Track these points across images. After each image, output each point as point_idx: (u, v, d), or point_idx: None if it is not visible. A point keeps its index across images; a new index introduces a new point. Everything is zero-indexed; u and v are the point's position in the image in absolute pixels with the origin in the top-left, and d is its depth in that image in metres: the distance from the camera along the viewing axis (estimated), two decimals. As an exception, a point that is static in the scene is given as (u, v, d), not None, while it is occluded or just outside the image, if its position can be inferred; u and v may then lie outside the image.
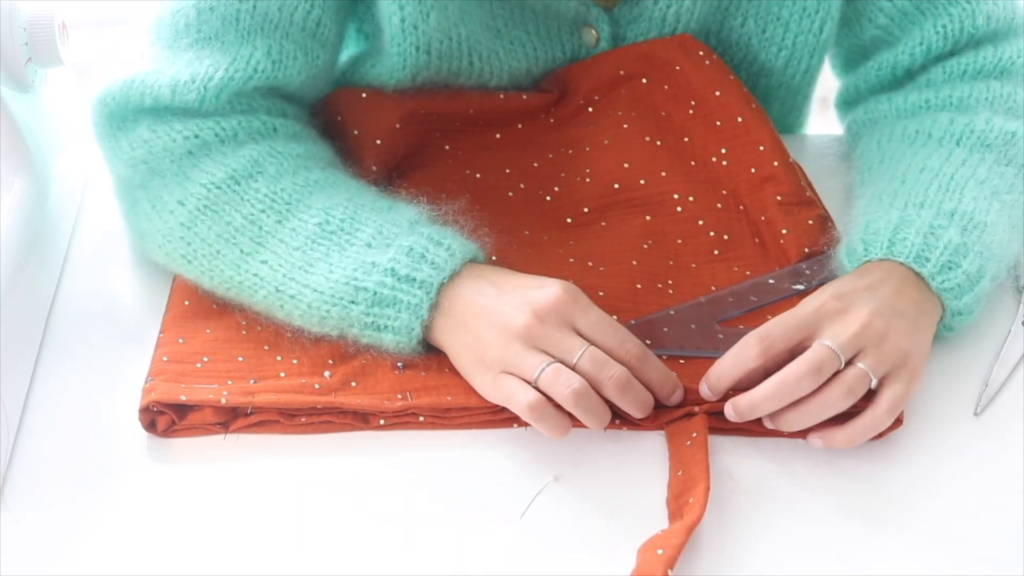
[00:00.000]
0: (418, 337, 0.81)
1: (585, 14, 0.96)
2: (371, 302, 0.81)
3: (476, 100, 0.98)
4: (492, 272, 0.83)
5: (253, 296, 0.84)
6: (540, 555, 0.74)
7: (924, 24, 0.96)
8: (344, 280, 0.81)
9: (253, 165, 0.86)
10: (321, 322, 0.82)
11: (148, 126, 0.87)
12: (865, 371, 0.77)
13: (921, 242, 0.83)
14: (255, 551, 0.74)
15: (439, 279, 0.81)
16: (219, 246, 0.84)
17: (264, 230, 0.84)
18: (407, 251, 0.82)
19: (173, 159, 0.86)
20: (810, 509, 0.77)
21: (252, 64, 0.88)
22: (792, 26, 0.98)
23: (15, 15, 0.87)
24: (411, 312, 0.80)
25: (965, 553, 0.75)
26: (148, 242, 0.89)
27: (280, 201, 0.85)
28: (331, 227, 0.84)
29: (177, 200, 0.86)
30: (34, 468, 0.79)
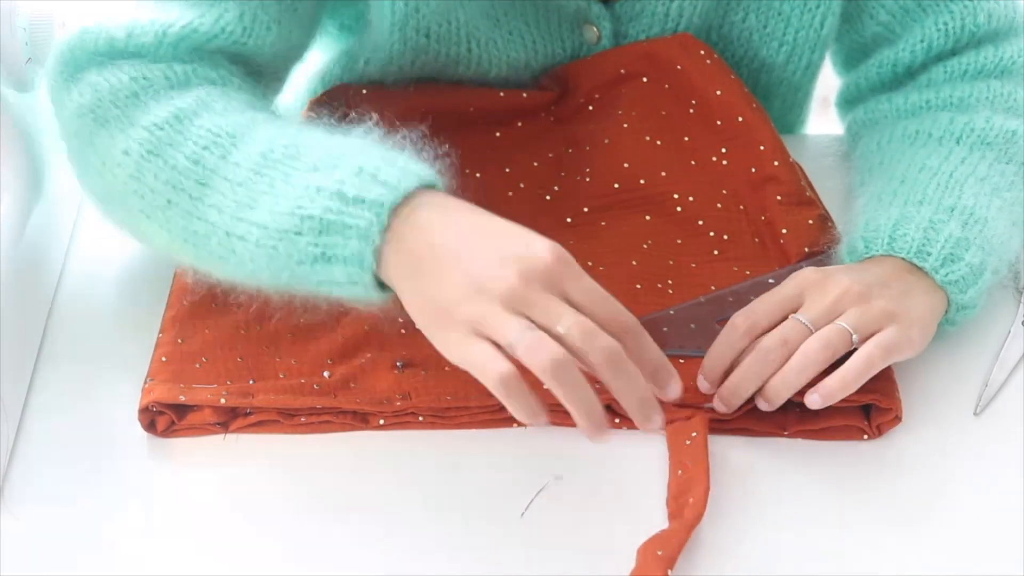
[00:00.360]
0: (371, 267, 0.72)
1: (586, 10, 0.96)
2: (318, 230, 0.73)
3: (476, 97, 0.98)
4: (463, 208, 0.74)
5: (208, 244, 0.77)
6: (540, 555, 0.74)
7: (925, 21, 0.96)
8: (288, 210, 0.74)
9: (198, 102, 0.80)
10: (271, 261, 0.75)
11: (96, 70, 0.82)
12: (843, 327, 0.77)
13: (921, 236, 0.83)
14: (255, 551, 0.74)
15: (392, 198, 0.72)
16: (168, 194, 0.78)
17: (208, 169, 0.77)
18: (356, 171, 0.74)
19: (118, 103, 0.81)
20: (810, 509, 0.77)
21: (220, 24, 0.84)
22: (793, 21, 0.98)
23: (15, 15, 0.87)
24: (360, 237, 0.72)
25: (965, 553, 0.75)
26: (106, 204, 0.84)
27: (224, 135, 0.78)
28: (275, 155, 0.76)
29: (122, 150, 0.79)
30: (34, 468, 0.79)
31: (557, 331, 0.69)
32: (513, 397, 0.68)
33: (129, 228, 0.83)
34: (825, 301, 0.79)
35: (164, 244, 0.81)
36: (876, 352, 0.77)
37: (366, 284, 0.73)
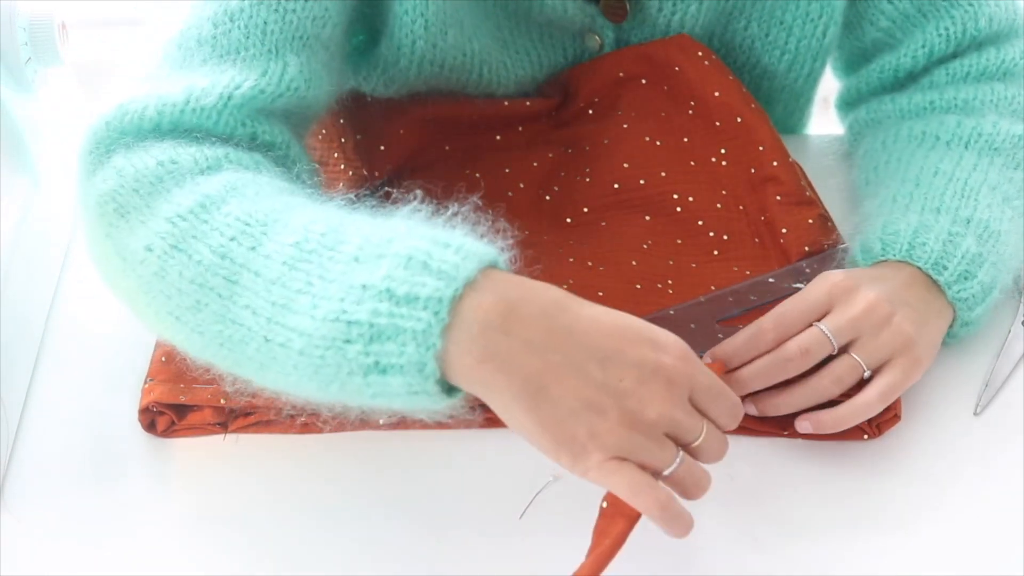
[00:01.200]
0: (433, 374, 0.63)
1: (590, 23, 0.97)
2: (368, 337, 0.63)
3: (481, 107, 0.98)
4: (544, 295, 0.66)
5: (245, 351, 0.68)
6: (540, 555, 0.74)
7: (926, 27, 0.96)
8: (332, 315, 0.64)
9: (227, 188, 0.71)
10: (317, 372, 0.65)
11: (124, 153, 0.73)
12: (857, 363, 0.78)
13: (940, 249, 0.83)
14: (255, 551, 0.74)
15: (450, 291, 0.63)
16: (196, 294, 0.68)
17: (237, 263, 0.68)
18: (404, 261, 0.64)
19: (140, 190, 0.71)
20: (810, 509, 0.77)
21: (286, 80, 0.77)
22: (795, 31, 0.98)
23: (15, 15, 0.87)
24: (418, 342, 0.63)
25: (965, 553, 0.75)
26: (134, 306, 0.74)
27: (255, 223, 0.68)
28: (310, 245, 0.67)
29: (144, 245, 0.70)
30: (34, 468, 0.79)
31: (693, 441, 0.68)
32: (674, 520, 0.67)
33: (163, 332, 0.73)
34: (851, 314, 0.78)
35: (199, 350, 0.71)
36: (876, 401, 0.77)
37: (429, 392, 0.64)
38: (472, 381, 0.64)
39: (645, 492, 0.65)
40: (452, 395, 0.66)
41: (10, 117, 0.88)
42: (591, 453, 0.65)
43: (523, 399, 0.64)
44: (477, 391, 0.65)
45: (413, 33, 0.89)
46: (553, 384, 0.64)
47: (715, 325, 0.87)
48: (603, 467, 0.65)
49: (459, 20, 0.90)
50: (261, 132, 0.77)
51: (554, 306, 0.65)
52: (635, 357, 0.65)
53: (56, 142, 0.96)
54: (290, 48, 0.78)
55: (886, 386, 0.78)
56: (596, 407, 0.64)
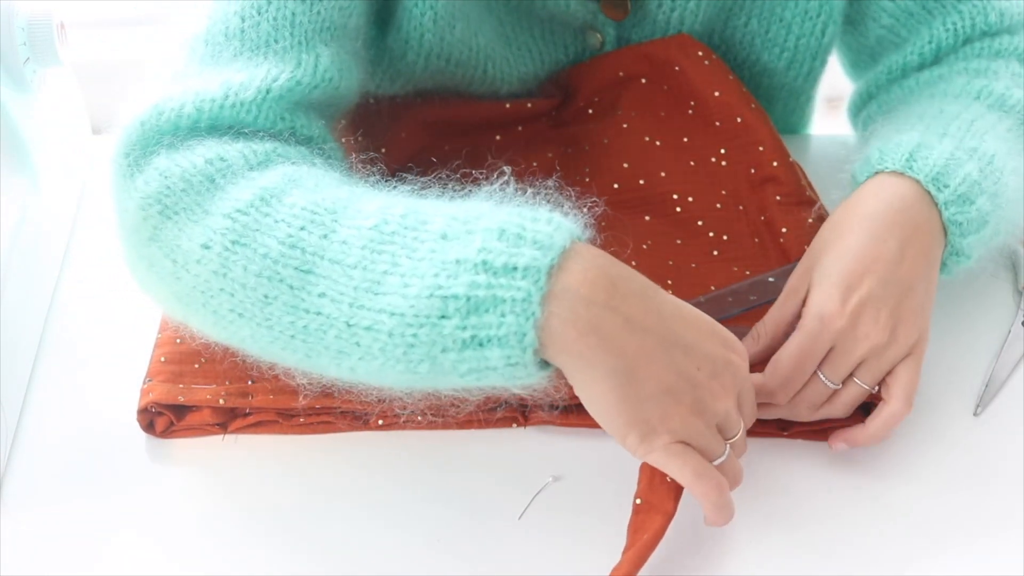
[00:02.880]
0: (533, 344, 0.63)
1: (592, 20, 0.96)
2: (465, 311, 0.63)
3: (483, 110, 0.98)
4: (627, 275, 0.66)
5: (323, 341, 0.67)
6: (540, 555, 0.74)
7: (932, 23, 0.94)
8: (426, 292, 0.64)
9: (286, 180, 0.70)
10: (408, 352, 0.65)
11: (166, 154, 0.72)
12: (863, 388, 0.78)
13: (943, 164, 0.80)
14: (254, 551, 0.74)
15: (548, 260, 0.63)
16: (264, 288, 0.67)
17: (309, 252, 0.67)
18: (498, 233, 0.64)
19: (190, 191, 0.70)
20: (810, 509, 0.77)
21: (320, 71, 0.76)
22: (795, 28, 0.97)
23: (13, 15, 0.87)
24: (518, 311, 0.63)
25: (965, 553, 0.75)
26: (184, 308, 0.72)
27: (323, 211, 0.68)
28: (391, 226, 0.66)
29: (201, 244, 0.69)
30: (33, 469, 0.79)
31: (734, 436, 0.70)
32: (726, 505, 0.70)
33: (218, 332, 0.72)
34: (851, 358, 0.76)
35: (265, 346, 0.70)
36: (904, 406, 0.77)
37: (527, 364, 0.64)
38: (569, 353, 0.64)
39: (707, 476, 0.68)
40: (545, 369, 0.66)
41: (9, 117, 0.88)
42: (660, 435, 0.66)
43: (615, 376, 0.65)
44: (570, 363, 0.65)
45: (422, 26, 0.88)
46: (643, 365, 0.65)
47: (715, 325, 0.87)
48: (668, 449, 0.67)
49: (466, 14, 0.90)
50: (300, 126, 0.76)
51: (648, 287, 0.67)
52: (711, 350, 0.67)
53: (55, 142, 0.96)
54: (319, 39, 0.77)
55: (906, 386, 0.77)
56: (674, 392, 0.66)
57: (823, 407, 0.78)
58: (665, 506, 0.71)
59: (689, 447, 0.67)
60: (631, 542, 0.71)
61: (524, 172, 0.98)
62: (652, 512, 0.71)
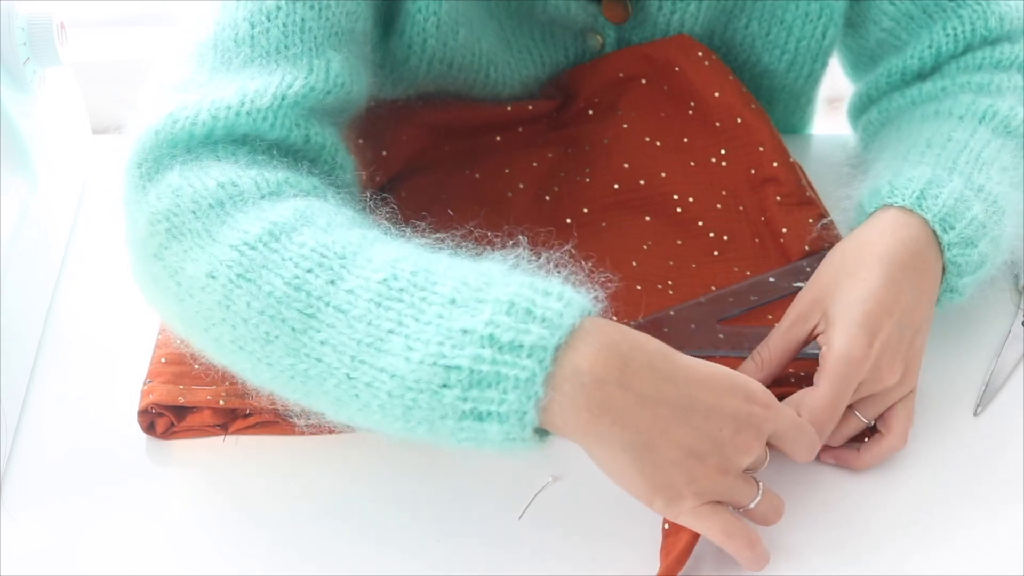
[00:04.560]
0: (532, 423, 0.63)
1: (592, 23, 0.96)
2: (467, 383, 0.63)
3: (484, 113, 0.98)
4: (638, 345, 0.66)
5: (322, 386, 0.66)
6: (540, 555, 0.74)
7: (932, 27, 0.94)
8: (430, 359, 0.63)
9: (297, 216, 0.69)
10: (407, 414, 0.65)
11: (180, 171, 0.71)
12: (863, 422, 0.78)
13: (952, 206, 0.80)
14: (254, 552, 0.74)
15: (555, 340, 0.63)
16: (266, 327, 0.66)
17: (314, 296, 0.66)
18: (507, 307, 0.64)
19: (199, 213, 0.69)
20: (809, 509, 0.77)
21: (331, 75, 0.76)
22: (795, 30, 0.97)
23: (13, 15, 0.87)
24: (520, 390, 0.63)
25: (965, 553, 0.75)
26: (189, 328, 0.71)
27: (332, 255, 0.67)
28: (400, 283, 0.65)
29: (206, 272, 0.68)
30: (33, 469, 0.79)
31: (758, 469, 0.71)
32: (760, 557, 0.70)
33: (219, 358, 0.72)
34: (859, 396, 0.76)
35: (265, 381, 0.69)
36: (900, 440, 0.78)
37: (526, 439, 0.64)
38: (582, 433, 0.65)
39: (737, 535, 0.68)
40: (542, 438, 0.66)
41: (9, 117, 0.88)
42: (686, 498, 0.66)
43: (632, 450, 0.65)
44: (586, 442, 0.65)
45: (425, 31, 0.88)
46: (660, 435, 0.65)
47: (715, 325, 0.87)
48: (697, 512, 0.67)
49: (469, 19, 0.90)
50: (314, 134, 0.76)
51: (659, 357, 0.66)
52: (731, 408, 0.67)
53: (55, 142, 0.96)
54: (329, 44, 0.77)
55: (906, 424, 0.78)
56: (696, 455, 0.66)
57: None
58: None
59: (719, 505, 0.68)
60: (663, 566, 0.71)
61: (525, 172, 0.99)
62: (680, 532, 0.71)
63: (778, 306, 0.87)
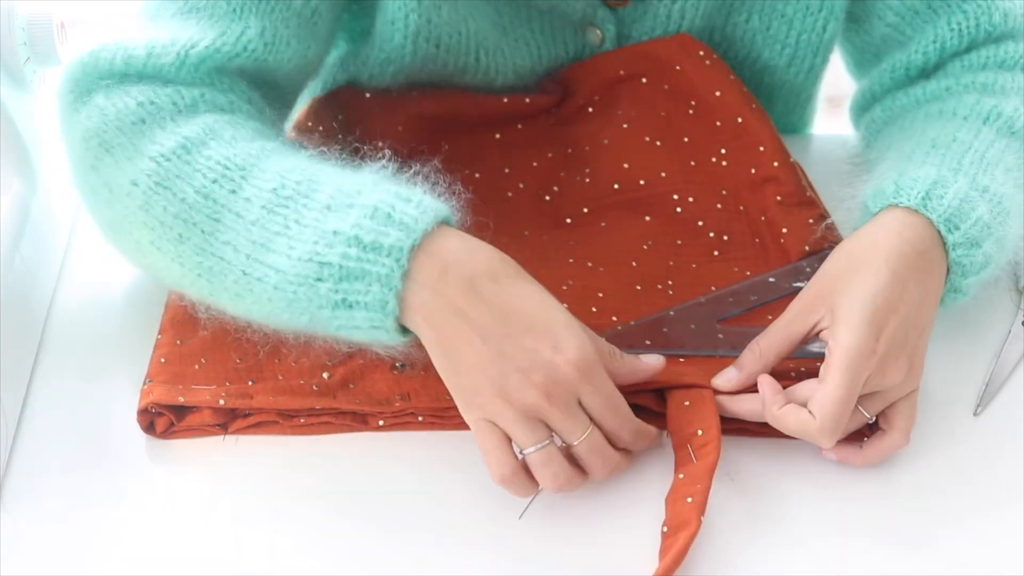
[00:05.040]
0: (394, 312, 0.73)
1: (592, 14, 0.96)
2: (337, 277, 0.73)
3: (480, 103, 0.98)
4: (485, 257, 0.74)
5: (223, 281, 0.76)
6: (540, 555, 0.74)
7: (936, 22, 0.94)
8: (306, 256, 0.73)
9: (206, 131, 0.78)
10: (290, 305, 0.74)
11: (105, 93, 0.80)
12: (865, 417, 0.78)
13: (957, 206, 0.80)
14: (254, 552, 0.74)
15: (410, 241, 0.72)
16: (179, 228, 0.76)
17: (219, 204, 0.76)
18: (371, 212, 0.73)
19: (124, 130, 0.79)
20: (809, 509, 0.77)
21: (243, 41, 0.83)
22: (796, 24, 0.97)
23: (14, 15, 0.87)
24: (382, 283, 0.72)
25: (965, 553, 0.75)
26: (114, 233, 0.82)
27: (233, 167, 0.76)
28: (287, 192, 0.75)
29: (130, 180, 0.78)
30: (33, 469, 0.79)
31: (570, 442, 0.73)
32: (510, 489, 0.74)
33: (138, 259, 0.82)
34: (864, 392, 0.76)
35: (176, 278, 0.79)
36: (903, 438, 0.78)
37: (388, 329, 0.73)
38: (411, 324, 0.74)
39: (496, 458, 0.73)
40: (406, 335, 0.75)
41: (9, 117, 0.88)
42: (474, 408, 0.73)
43: (436, 348, 0.73)
44: (417, 332, 0.74)
45: (406, 5, 0.90)
46: (461, 343, 0.72)
47: (715, 325, 0.87)
48: (478, 424, 0.73)
49: None
50: (204, 94, 0.82)
51: (484, 275, 0.73)
52: (531, 346, 0.72)
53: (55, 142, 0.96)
54: (254, 11, 0.83)
55: (909, 422, 0.78)
56: (485, 372, 0.72)
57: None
58: (690, 525, 0.72)
59: (496, 427, 0.73)
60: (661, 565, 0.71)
61: (525, 172, 0.99)
62: (677, 532, 0.72)
63: (778, 306, 0.86)
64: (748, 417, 0.79)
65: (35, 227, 0.89)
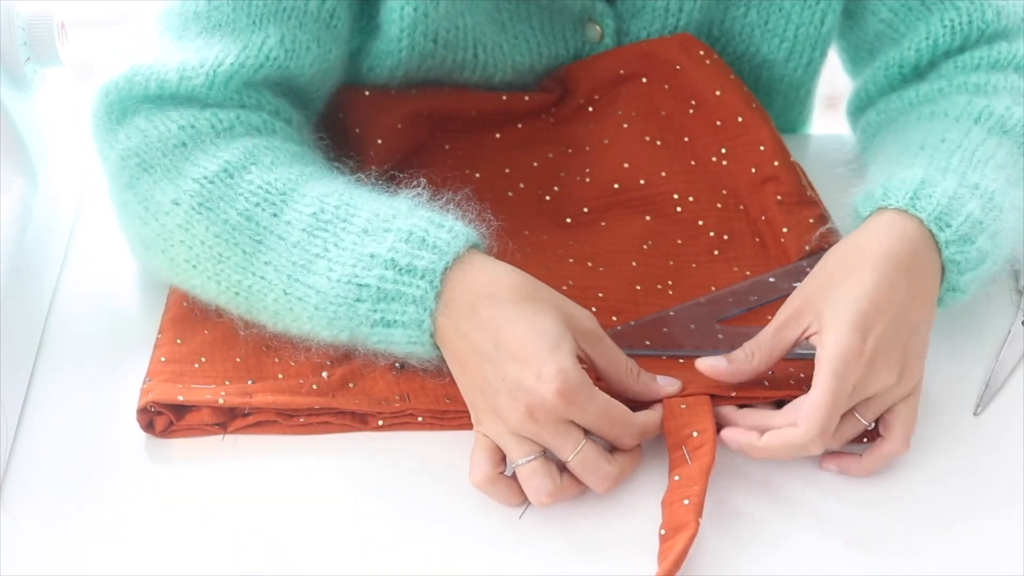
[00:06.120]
0: (430, 330, 0.77)
1: (590, 8, 0.96)
2: (376, 298, 0.77)
3: (479, 101, 0.98)
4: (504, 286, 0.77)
5: (263, 300, 0.80)
6: (540, 555, 0.74)
7: (930, 19, 0.94)
8: (345, 278, 0.77)
9: (247, 156, 0.82)
10: (331, 323, 0.79)
11: (146, 115, 0.84)
12: (863, 424, 0.77)
13: (946, 204, 0.80)
14: (254, 551, 0.74)
15: (443, 264, 0.77)
16: (220, 248, 0.80)
17: (261, 226, 0.80)
18: (406, 236, 0.77)
19: (165, 151, 0.82)
20: (810, 509, 0.77)
21: (264, 51, 0.85)
22: (794, 17, 0.97)
23: (14, 15, 0.87)
24: (417, 304, 0.77)
25: (965, 553, 0.75)
26: (146, 249, 0.85)
27: (274, 192, 0.81)
28: (326, 216, 0.79)
29: (171, 200, 0.81)
30: (33, 468, 0.79)
31: (563, 459, 0.75)
32: (491, 495, 0.76)
33: (171, 276, 0.85)
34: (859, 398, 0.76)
35: (212, 295, 0.82)
36: (903, 444, 0.78)
37: (424, 344, 0.78)
38: (439, 342, 0.78)
39: (473, 460, 0.76)
40: (438, 350, 0.79)
41: (9, 117, 0.88)
42: (475, 420, 0.78)
43: (452, 364, 0.78)
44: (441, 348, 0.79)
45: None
46: (464, 362, 0.77)
47: (715, 325, 0.87)
48: (477, 436, 0.77)
49: None
50: (252, 104, 0.86)
51: (484, 297, 0.76)
52: (515, 373, 0.74)
53: (55, 142, 0.96)
54: (273, 20, 0.86)
55: (908, 428, 0.78)
56: (481, 390, 0.76)
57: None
58: (688, 527, 0.72)
59: (489, 440, 0.76)
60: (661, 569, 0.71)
61: (525, 172, 0.99)
62: (676, 535, 0.72)
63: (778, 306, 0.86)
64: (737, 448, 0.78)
65: (35, 227, 0.89)
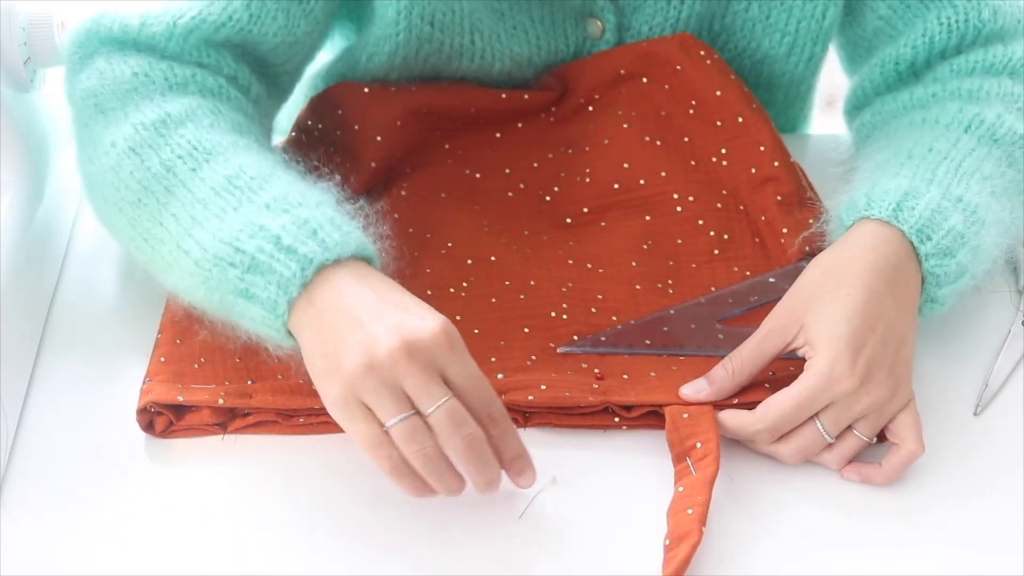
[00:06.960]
0: (283, 315, 0.74)
1: (591, 4, 0.96)
2: (246, 266, 0.75)
3: (478, 98, 0.98)
4: (379, 280, 0.76)
5: (160, 251, 0.79)
6: (539, 555, 0.74)
7: (927, 16, 0.95)
8: (228, 239, 0.76)
9: (188, 112, 0.83)
10: (205, 283, 0.76)
11: (106, 58, 0.86)
12: (862, 440, 0.78)
13: (928, 217, 0.81)
14: (254, 551, 0.74)
15: (322, 258, 0.74)
16: (139, 193, 0.80)
17: (179, 178, 0.80)
18: (301, 223, 0.75)
19: (117, 95, 0.84)
20: (810, 509, 0.77)
21: (228, 11, 0.87)
22: (795, 11, 0.97)
23: (14, 14, 0.87)
24: (280, 285, 0.74)
25: (965, 553, 0.75)
26: (89, 189, 0.86)
27: (201, 150, 0.80)
28: (239, 182, 0.78)
29: (110, 141, 0.82)
30: (33, 468, 0.79)
31: (425, 412, 0.71)
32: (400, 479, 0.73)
33: (104, 218, 0.86)
34: (850, 415, 0.77)
35: (128, 240, 0.83)
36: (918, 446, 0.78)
37: (276, 329, 0.75)
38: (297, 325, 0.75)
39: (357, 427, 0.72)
40: (292, 340, 0.76)
41: (9, 117, 0.88)
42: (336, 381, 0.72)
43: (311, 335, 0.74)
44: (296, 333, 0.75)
45: None
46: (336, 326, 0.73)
47: (715, 325, 0.87)
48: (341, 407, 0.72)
49: None
50: (209, 62, 0.87)
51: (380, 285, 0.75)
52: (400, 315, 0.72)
53: (55, 142, 0.96)
54: None
55: (916, 429, 0.78)
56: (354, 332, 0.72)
57: (821, 456, 0.78)
58: (691, 536, 0.72)
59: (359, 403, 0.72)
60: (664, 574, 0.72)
61: (525, 172, 0.98)
62: (679, 543, 0.72)
63: (777, 306, 0.87)
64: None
65: (35, 227, 0.89)
